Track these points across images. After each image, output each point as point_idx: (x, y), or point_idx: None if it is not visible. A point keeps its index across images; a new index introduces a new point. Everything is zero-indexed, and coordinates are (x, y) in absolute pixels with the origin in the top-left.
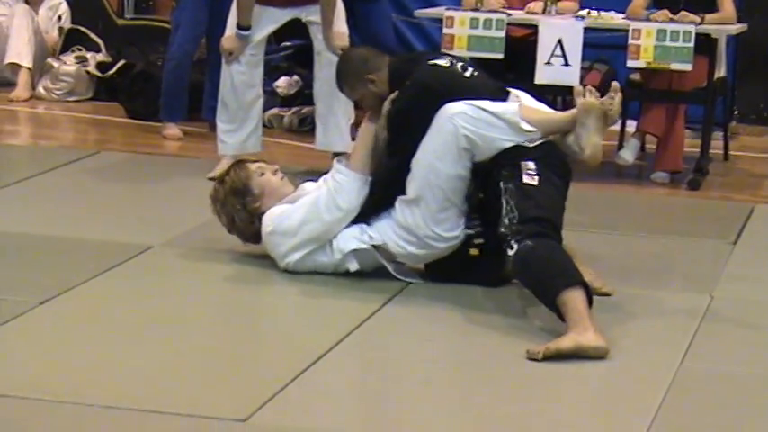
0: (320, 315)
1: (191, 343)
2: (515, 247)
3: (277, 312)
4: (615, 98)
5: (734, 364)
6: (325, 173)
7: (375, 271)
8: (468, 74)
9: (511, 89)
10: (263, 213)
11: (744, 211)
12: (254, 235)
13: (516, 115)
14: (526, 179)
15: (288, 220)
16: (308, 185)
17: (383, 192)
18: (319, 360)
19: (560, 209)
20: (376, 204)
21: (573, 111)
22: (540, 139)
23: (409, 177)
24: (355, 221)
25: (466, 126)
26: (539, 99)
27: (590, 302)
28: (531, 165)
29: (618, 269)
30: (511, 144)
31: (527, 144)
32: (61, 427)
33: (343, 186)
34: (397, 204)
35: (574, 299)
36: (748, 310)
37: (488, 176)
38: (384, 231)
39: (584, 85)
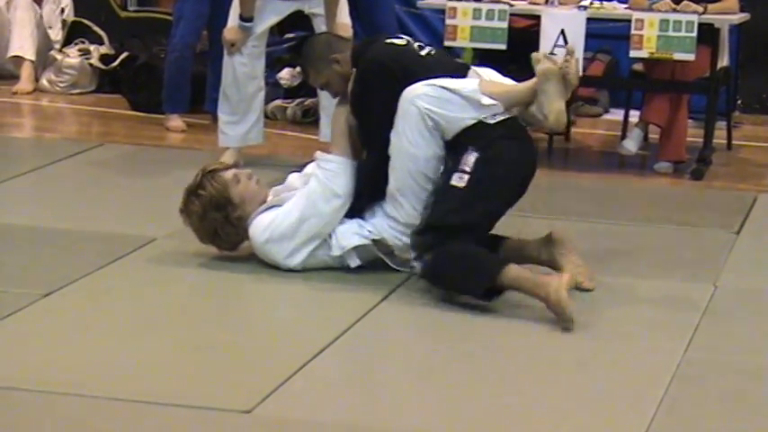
0: (323, 307)
1: (194, 335)
2: (418, 266)
3: (280, 304)
4: (571, 60)
5: (737, 354)
6: (297, 169)
7: (375, 264)
8: (424, 52)
9: (473, 66)
10: (246, 219)
11: (747, 200)
12: (235, 244)
13: (476, 91)
14: (454, 180)
15: (282, 224)
16: (280, 188)
17: (372, 186)
18: (322, 352)
19: (487, 210)
20: (368, 199)
21: (533, 80)
22: (503, 114)
23: (390, 167)
24: (351, 216)
25: (428, 107)
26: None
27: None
28: (471, 160)
29: (621, 258)
30: (473, 121)
31: (488, 120)
32: (65, 419)
33: (336, 172)
34: (386, 199)
35: (514, 276)
36: (752, 299)
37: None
38: (380, 226)
39: (542, 53)
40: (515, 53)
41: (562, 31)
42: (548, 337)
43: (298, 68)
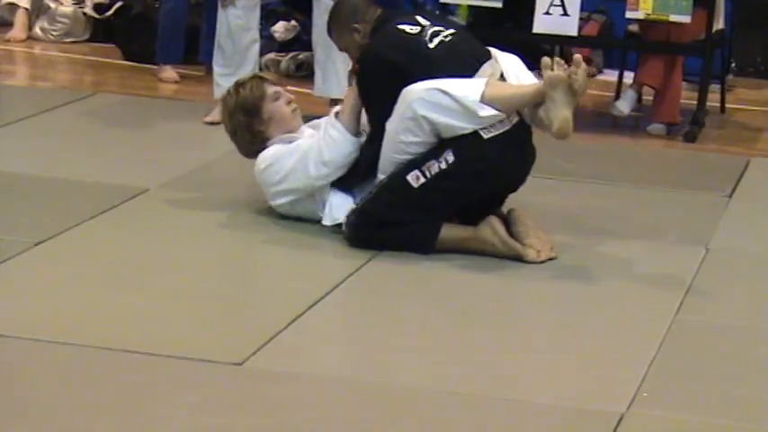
0: (315, 262)
1: (186, 286)
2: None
3: (272, 258)
4: (579, 71)
5: (728, 317)
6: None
7: None
8: (434, 43)
9: (495, 52)
10: (265, 138)
11: (740, 163)
12: (251, 153)
13: (475, 102)
14: (411, 177)
15: (278, 164)
16: (308, 129)
17: (369, 167)
18: (314, 306)
19: (426, 218)
20: (363, 178)
21: (540, 83)
22: (504, 123)
23: (383, 157)
24: (345, 190)
25: (426, 114)
26: (531, 56)
27: None
28: (436, 168)
29: (613, 220)
30: (469, 131)
31: (484, 134)
32: (56, 367)
33: (335, 143)
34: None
35: (447, 236)
36: (743, 262)
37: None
38: None
39: (552, 57)
40: (511, 11)
41: None
42: (539, 297)
43: (292, 22)
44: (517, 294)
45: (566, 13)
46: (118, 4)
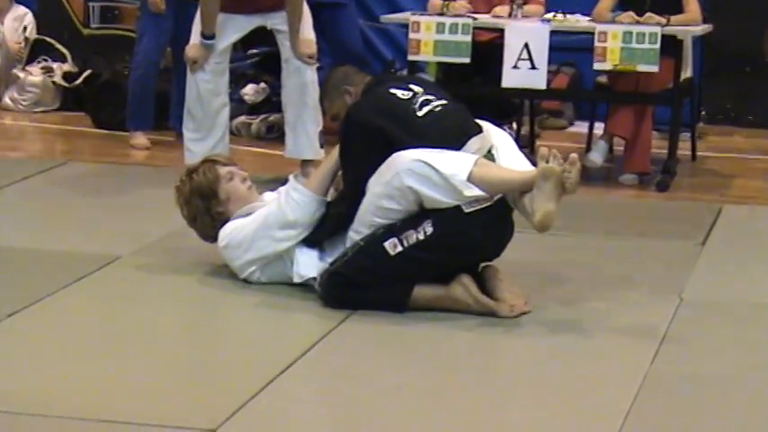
0: (288, 324)
1: (159, 353)
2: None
3: (245, 322)
4: (573, 170)
5: (703, 365)
6: (271, 188)
7: None
8: (423, 111)
9: (487, 127)
10: (226, 219)
11: (712, 211)
12: (207, 236)
13: (462, 182)
14: (388, 243)
15: (239, 236)
16: (267, 196)
17: (338, 225)
18: (288, 369)
19: (399, 284)
20: (331, 234)
21: (532, 171)
22: (487, 201)
23: (360, 217)
24: (313, 246)
25: (412, 185)
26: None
27: None
28: (414, 238)
29: (586, 271)
30: (451, 205)
31: (465, 208)
32: None
33: (299, 204)
34: (347, 238)
35: (420, 296)
36: (717, 310)
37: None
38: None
39: (551, 149)
40: (479, 66)
41: (526, 45)
42: (513, 351)
43: (262, 84)
44: (492, 350)
45: (534, 67)
46: (87, 73)
